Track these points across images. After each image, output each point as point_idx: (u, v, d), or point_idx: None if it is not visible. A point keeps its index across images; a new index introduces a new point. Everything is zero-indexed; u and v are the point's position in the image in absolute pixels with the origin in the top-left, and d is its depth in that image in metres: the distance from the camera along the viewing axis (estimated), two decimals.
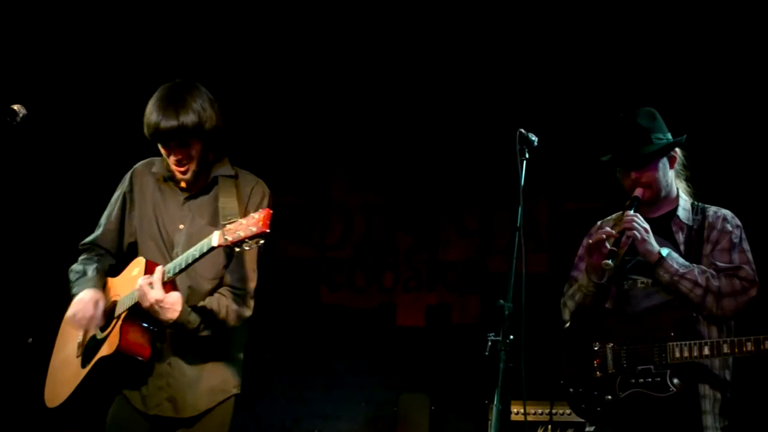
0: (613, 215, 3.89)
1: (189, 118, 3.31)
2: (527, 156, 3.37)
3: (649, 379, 3.43)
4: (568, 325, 3.82)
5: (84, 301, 3.39)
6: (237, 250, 3.04)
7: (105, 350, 3.32)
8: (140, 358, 3.31)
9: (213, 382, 3.45)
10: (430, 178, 7.21)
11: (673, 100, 5.87)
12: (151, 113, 3.34)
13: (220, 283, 3.48)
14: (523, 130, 3.38)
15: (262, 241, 2.98)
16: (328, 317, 7.11)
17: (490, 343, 3.10)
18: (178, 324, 3.27)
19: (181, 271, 3.22)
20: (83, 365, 3.43)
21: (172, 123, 3.29)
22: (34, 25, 6.35)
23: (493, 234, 7.05)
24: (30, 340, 5.82)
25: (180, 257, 3.24)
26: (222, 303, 3.40)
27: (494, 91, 6.85)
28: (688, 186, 3.82)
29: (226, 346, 3.53)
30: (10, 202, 6.04)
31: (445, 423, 6.73)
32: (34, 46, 6.43)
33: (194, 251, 3.16)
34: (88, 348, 3.46)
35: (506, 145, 3.41)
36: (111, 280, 3.58)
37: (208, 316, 3.36)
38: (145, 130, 3.37)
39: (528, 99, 6.64)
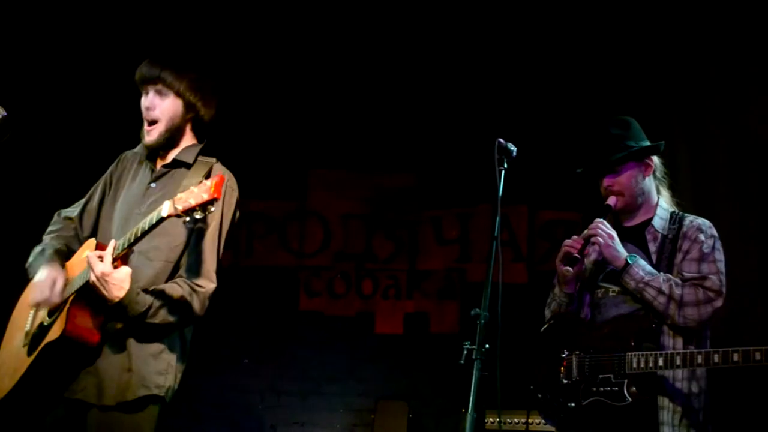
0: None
1: (175, 71, 3.34)
2: (506, 166, 3.35)
3: (608, 388, 3.48)
4: (541, 331, 3.86)
5: (39, 283, 3.20)
6: (187, 219, 2.86)
7: (51, 335, 3.11)
8: (88, 344, 3.09)
9: (139, 375, 3.19)
10: (410, 185, 7.22)
11: (657, 108, 5.93)
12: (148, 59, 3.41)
13: (167, 270, 3.28)
14: (502, 140, 3.35)
15: (213, 209, 2.83)
16: (307, 324, 7.09)
17: (465, 352, 3.10)
18: (123, 305, 3.05)
19: (131, 244, 3.04)
20: (29, 353, 3.22)
21: (156, 68, 3.34)
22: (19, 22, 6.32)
23: (473, 243, 7.06)
24: None
25: (130, 231, 3.06)
26: (177, 292, 3.18)
27: (475, 98, 6.86)
28: (672, 195, 3.84)
29: (157, 342, 3.27)
30: None
31: (423, 431, 6.73)
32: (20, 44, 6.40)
33: (143, 224, 2.99)
34: (36, 335, 3.25)
35: (486, 153, 3.40)
36: (67, 264, 3.39)
37: (157, 301, 3.14)
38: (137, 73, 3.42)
39: (509, 107, 6.65)
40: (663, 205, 3.77)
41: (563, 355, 3.65)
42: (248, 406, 6.97)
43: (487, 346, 3.03)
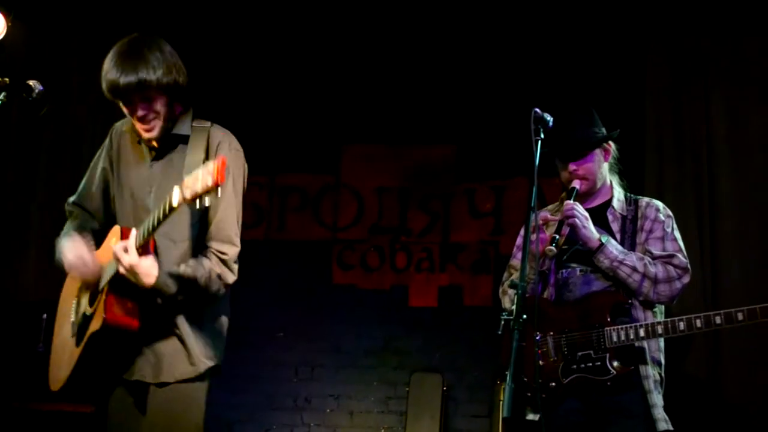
0: (550, 206, 4.08)
1: (149, 72, 3.19)
2: (542, 136, 3.34)
3: (590, 364, 3.58)
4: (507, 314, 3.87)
5: (66, 255, 3.32)
6: (198, 206, 2.86)
7: (94, 325, 3.22)
8: (129, 329, 3.20)
9: (194, 351, 3.31)
10: (444, 158, 7.19)
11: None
12: (109, 70, 3.22)
13: (192, 245, 3.34)
14: (538, 110, 3.35)
15: (219, 194, 2.81)
16: (341, 297, 7.12)
17: (503, 322, 3.12)
18: (156, 289, 3.15)
19: (150, 234, 3.10)
20: (77, 344, 3.34)
21: (131, 78, 3.18)
22: None
23: (507, 215, 7.03)
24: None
25: (147, 219, 3.12)
26: (205, 266, 3.26)
27: (510, 69, 6.81)
28: (621, 179, 4.02)
29: (202, 316, 3.38)
30: None
31: (457, 403, 6.74)
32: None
33: (159, 213, 3.03)
34: (81, 325, 3.37)
35: (521, 124, 3.38)
36: (96, 252, 3.43)
37: (187, 280, 3.22)
38: (104, 88, 3.25)
39: (545, 77, 6.59)
40: (617, 187, 3.96)
41: (537, 338, 3.70)
42: (283, 379, 7.03)
43: (524, 316, 3.03)
